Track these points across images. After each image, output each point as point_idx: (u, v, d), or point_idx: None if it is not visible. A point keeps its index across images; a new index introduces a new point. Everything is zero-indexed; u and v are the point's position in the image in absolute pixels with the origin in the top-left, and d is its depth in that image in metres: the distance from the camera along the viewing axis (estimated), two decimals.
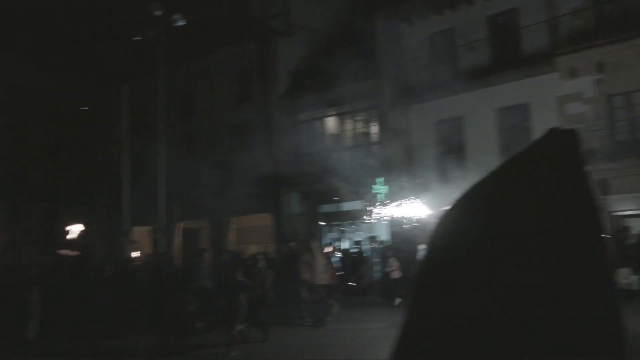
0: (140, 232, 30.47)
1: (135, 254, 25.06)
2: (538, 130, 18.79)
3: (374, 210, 22.66)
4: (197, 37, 29.25)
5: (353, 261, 22.46)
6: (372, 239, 23.90)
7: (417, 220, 20.50)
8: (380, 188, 21.88)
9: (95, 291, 14.43)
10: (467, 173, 20.51)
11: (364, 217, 23.91)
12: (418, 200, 20.29)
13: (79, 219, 40.42)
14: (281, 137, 25.34)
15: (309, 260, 16.24)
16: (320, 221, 25.08)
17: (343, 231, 24.98)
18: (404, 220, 21.15)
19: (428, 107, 21.58)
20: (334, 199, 23.83)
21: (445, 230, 1.07)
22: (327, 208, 24.83)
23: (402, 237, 19.93)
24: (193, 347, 12.28)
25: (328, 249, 20.85)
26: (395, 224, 21.76)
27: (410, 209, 20.39)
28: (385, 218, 22.71)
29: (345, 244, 24.48)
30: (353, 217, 24.53)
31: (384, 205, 21.99)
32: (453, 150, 21.39)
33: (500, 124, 20.35)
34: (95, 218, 39.96)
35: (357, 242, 24.71)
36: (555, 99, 19.00)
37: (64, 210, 39.64)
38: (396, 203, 21.49)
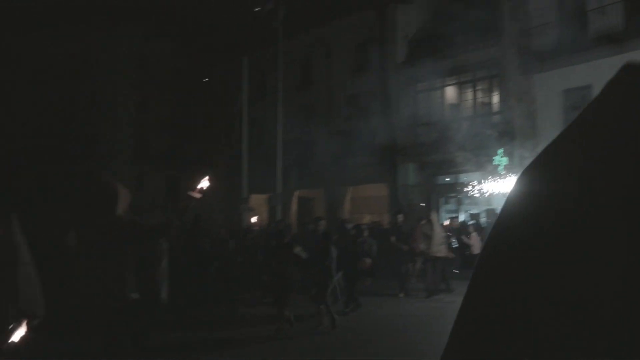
0: (257, 199, 31.16)
1: (253, 220, 25.62)
2: None
3: (493, 182, 22.04)
4: (316, 7, 29.33)
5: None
6: (490, 212, 23.28)
7: None
8: (500, 159, 21.20)
9: (210, 260, 14.80)
10: None
11: (482, 189, 23.33)
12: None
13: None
14: (399, 107, 25.02)
15: (428, 231, 15.93)
16: (437, 192, 24.64)
17: (460, 203, 24.40)
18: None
19: (554, 75, 20.53)
20: (452, 170, 23.34)
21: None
22: (444, 179, 24.34)
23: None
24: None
25: (446, 222, 20.48)
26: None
27: None
28: (503, 191, 22.05)
29: (461, 217, 23.92)
30: (471, 189, 23.94)
31: (503, 177, 21.32)
32: None
33: None
34: (215, 186, 41.41)
35: (474, 215, 24.16)
36: None
37: (186, 178, 41.33)
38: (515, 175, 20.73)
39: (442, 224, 19.73)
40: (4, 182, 38.89)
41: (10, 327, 5.46)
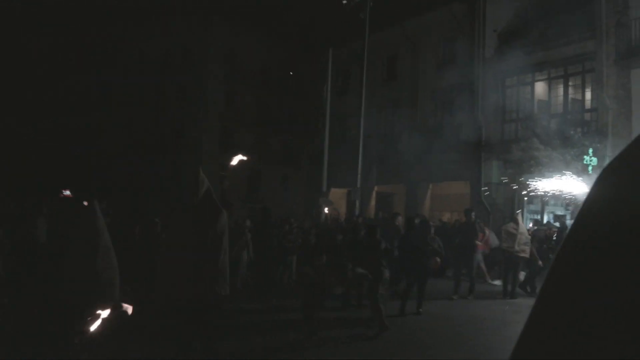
0: (337, 193, 31.07)
1: (333, 213, 25.59)
2: None
3: (584, 183, 21.08)
4: (403, 0, 28.98)
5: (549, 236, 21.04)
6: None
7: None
8: (590, 159, 20.21)
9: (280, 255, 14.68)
10: None
11: (570, 190, 22.34)
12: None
13: (281, 179, 42.66)
14: (486, 102, 24.30)
15: (512, 230, 15.34)
16: (522, 191, 23.76)
17: (544, 204, 23.45)
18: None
19: None
20: (538, 169, 22.43)
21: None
22: (529, 178, 23.43)
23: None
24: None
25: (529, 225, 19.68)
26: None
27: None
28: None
29: (546, 218, 23.01)
30: (557, 189, 22.98)
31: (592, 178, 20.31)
32: None
33: None
34: (296, 178, 41.72)
35: (559, 217, 23.19)
36: None
37: (268, 170, 41.83)
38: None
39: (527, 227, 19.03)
40: (96, 170, 40.49)
41: (89, 317, 5.52)
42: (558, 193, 20.10)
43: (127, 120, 42.89)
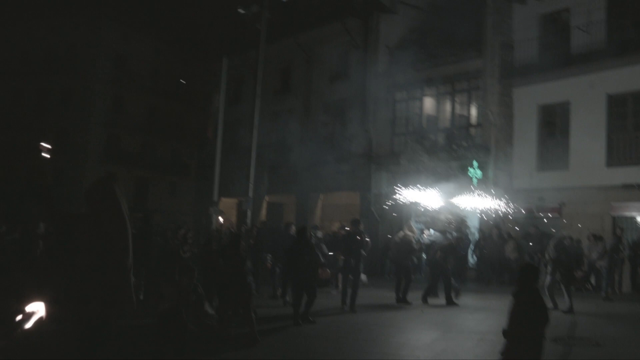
0: (227, 203, 30.73)
1: (226, 223, 25.25)
2: None
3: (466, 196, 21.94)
4: (300, 13, 29.21)
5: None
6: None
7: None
8: (475, 172, 21.10)
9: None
10: (569, 161, 19.55)
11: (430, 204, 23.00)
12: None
13: (169, 188, 41.72)
14: (377, 115, 24.89)
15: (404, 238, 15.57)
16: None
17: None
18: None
19: (533, 90, 20.60)
20: (425, 181, 23.14)
21: None
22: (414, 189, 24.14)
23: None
24: None
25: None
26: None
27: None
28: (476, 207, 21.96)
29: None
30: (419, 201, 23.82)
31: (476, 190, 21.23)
32: (556, 136, 20.36)
33: (611, 111, 19.12)
34: (186, 187, 40.96)
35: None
36: None
37: (156, 179, 40.82)
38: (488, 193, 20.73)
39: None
40: None
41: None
42: (420, 205, 20.70)
43: (6, 123, 40.61)
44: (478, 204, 19.84)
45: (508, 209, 20.24)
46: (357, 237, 13.81)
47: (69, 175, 38.27)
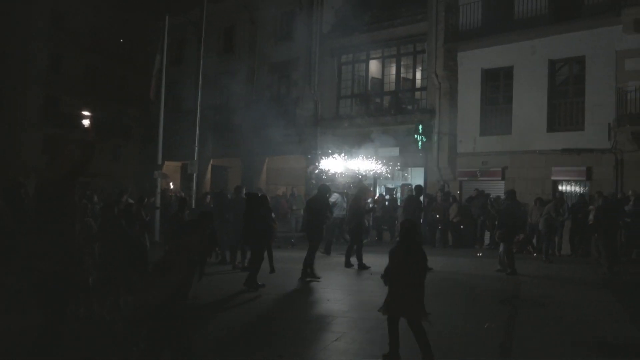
0: (171, 167, 30.26)
1: (170, 187, 24.89)
2: (592, 84, 18.09)
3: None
4: None
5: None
6: (405, 187, 23.50)
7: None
8: (419, 136, 21.30)
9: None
10: (511, 126, 19.86)
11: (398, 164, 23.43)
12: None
13: (112, 151, 40.74)
14: (322, 78, 24.68)
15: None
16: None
17: (377, 178, 24.36)
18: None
19: (477, 55, 20.73)
20: (371, 144, 23.23)
21: None
22: (363, 153, 24.22)
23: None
24: None
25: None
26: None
27: None
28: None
29: (378, 191, 23.93)
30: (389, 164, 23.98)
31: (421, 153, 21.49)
32: (500, 101, 20.61)
33: (552, 76, 19.43)
34: (128, 150, 40.12)
35: (391, 190, 24.28)
36: (615, 54, 17.97)
37: (99, 142, 39.78)
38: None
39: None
40: None
41: None
42: (342, 172, 21.02)
43: None
44: (376, 168, 20.80)
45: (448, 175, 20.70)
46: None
47: (5, 139, 36.98)
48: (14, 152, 35.47)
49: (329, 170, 20.88)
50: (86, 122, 34.01)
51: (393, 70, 23.46)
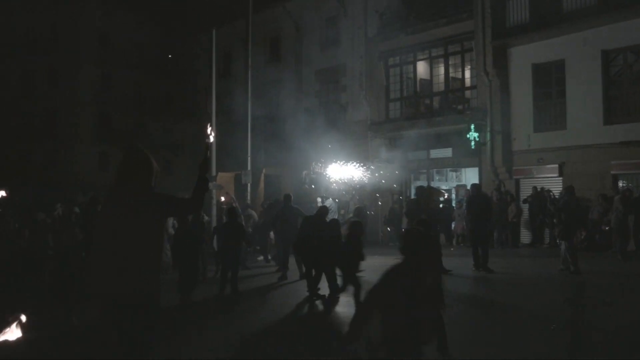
0: (224, 177, 30.58)
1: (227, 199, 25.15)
2: None
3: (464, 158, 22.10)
4: None
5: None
6: (460, 188, 23.30)
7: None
8: (472, 134, 21.08)
9: None
10: (566, 121, 19.50)
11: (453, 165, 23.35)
12: None
13: (164, 165, 41.41)
14: (370, 82, 24.64)
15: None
16: (409, 169, 24.43)
17: (430, 179, 24.23)
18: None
19: (526, 50, 20.44)
20: (423, 145, 23.14)
21: None
22: (415, 155, 24.14)
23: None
24: None
25: None
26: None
27: None
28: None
29: None
30: (442, 165, 23.85)
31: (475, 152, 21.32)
32: (553, 95, 20.26)
33: (605, 68, 19.00)
34: (178, 163, 40.72)
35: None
36: None
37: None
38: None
39: None
40: None
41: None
42: (344, 180, 21.02)
43: None
44: (360, 174, 21.21)
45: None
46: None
47: (61, 157, 38.06)
48: (70, 170, 36.40)
49: (328, 175, 20.91)
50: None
51: (441, 70, 23.28)
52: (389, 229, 23.07)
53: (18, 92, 39.63)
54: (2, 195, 19.42)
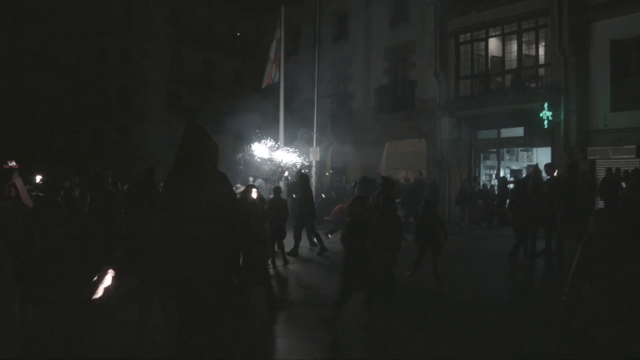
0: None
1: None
2: None
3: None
4: None
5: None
6: (531, 168, 22.77)
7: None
8: (546, 113, 20.53)
9: None
10: None
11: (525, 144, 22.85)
12: None
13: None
14: (440, 59, 24.25)
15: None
16: (478, 148, 24.07)
17: (500, 159, 23.82)
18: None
19: (605, 25, 19.68)
20: (493, 124, 22.73)
21: None
22: (485, 134, 23.75)
23: None
24: None
25: None
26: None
27: None
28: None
29: (502, 173, 23.38)
30: (513, 145, 23.38)
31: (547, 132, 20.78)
32: (631, 73, 19.51)
33: None
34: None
35: (514, 171, 23.67)
36: None
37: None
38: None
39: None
40: (39, 139, 39.08)
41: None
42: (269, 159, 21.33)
43: (68, 87, 41.50)
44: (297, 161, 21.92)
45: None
46: None
47: (134, 135, 39.13)
48: (144, 148, 37.30)
49: (257, 156, 21.06)
50: None
51: (514, 47, 22.68)
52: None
53: (93, 72, 40.79)
54: (40, 180, 19.77)
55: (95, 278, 5.24)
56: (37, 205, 8.14)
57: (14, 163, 27.72)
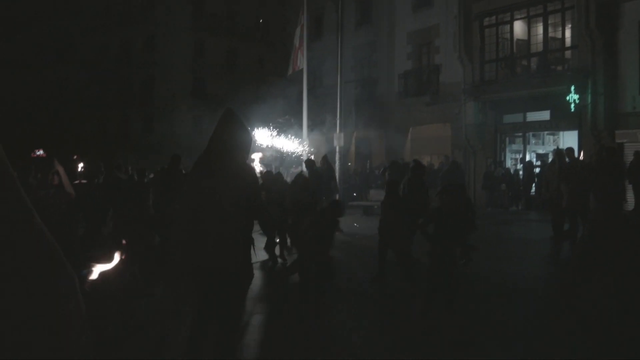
0: (315, 141, 30.77)
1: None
2: None
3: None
4: None
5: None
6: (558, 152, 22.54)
7: None
8: (573, 97, 20.29)
9: None
10: None
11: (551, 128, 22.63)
12: None
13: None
14: (465, 43, 24.03)
15: None
16: (504, 132, 23.88)
17: (526, 143, 23.62)
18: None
19: (634, 6, 19.35)
20: (518, 108, 22.53)
21: None
22: (510, 118, 23.54)
23: None
24: None
25: None
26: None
27: None
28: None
29: (528, 157, 23.19)
30: (539, 128, 23.16)
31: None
32: None
33: None
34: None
35: (540, 155, 23.48)
36: None
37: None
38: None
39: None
40: (66, 128, 39.57)
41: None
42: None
43: (93, 76, 41.91)
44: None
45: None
46: None
47: (159, 123, 39.43)
48: (169, 136, 37.62)
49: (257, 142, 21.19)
50: None
51: (540, 29, 22.39)
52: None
53: (117, 61, 41.15)
54: (82, 167, 19.97)
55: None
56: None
57: (41, 152, 28.10)
